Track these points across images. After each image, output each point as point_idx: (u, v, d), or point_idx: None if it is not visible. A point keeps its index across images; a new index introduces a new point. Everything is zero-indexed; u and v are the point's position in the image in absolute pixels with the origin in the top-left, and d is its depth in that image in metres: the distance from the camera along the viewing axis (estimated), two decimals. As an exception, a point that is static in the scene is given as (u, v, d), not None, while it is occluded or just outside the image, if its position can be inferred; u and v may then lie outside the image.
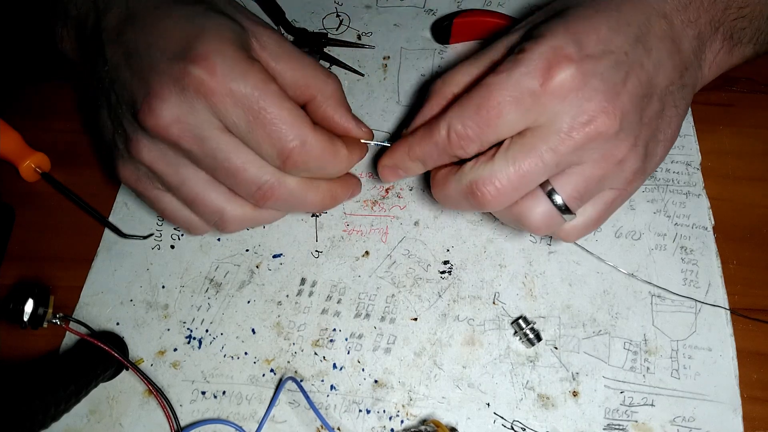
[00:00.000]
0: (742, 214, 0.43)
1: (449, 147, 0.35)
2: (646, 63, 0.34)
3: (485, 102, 0.33)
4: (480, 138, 0.34)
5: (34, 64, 0.51)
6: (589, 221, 0.35)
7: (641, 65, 0.33)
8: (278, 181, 0.35)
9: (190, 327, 0.40)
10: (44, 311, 0.38)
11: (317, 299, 0.40)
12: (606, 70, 0.32)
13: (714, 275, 0.41)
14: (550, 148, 0.32)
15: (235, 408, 0.37)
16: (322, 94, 0.37)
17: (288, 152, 0.33)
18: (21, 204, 0.45)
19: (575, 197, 0.34)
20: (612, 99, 0.32)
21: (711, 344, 0.39)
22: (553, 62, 0.32)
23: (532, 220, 0.34)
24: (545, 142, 0.32)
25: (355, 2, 0.53)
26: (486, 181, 0.33)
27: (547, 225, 0.34)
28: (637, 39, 0.34)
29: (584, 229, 0.36)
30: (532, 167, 0.33)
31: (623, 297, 0.40)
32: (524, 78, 0.32)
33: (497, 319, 0.40)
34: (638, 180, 0.35)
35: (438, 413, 0.37)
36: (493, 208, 0.34)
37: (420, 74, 0.49)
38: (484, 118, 0.33)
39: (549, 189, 0.34)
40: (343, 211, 0.44)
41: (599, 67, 0.32)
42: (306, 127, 0.34)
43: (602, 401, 0.37)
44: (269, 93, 0.33)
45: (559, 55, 0.32)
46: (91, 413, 0.37)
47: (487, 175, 0.33)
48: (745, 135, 0.46)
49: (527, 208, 0.34)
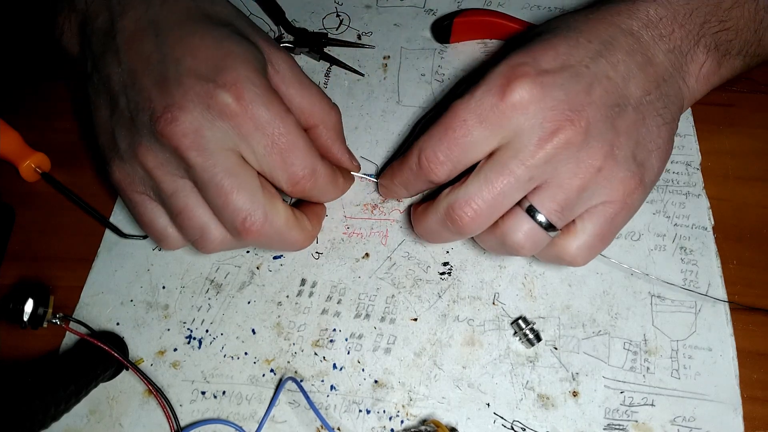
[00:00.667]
0: (742, 214, 0.43)
1: (421, 172, 0.36)
2: (612, 74, 0.34)
3: (451, 123, 0.34)
4: (450, 159, 0.34)
5: (34, 64, 0.51)
6: (592, 240, 0.35)
7: (607, 76, 0.34)
8: (265, 218, 0.34)
9: (191, 327, 0.40)
10: (44, 311, 0.38)
11: (317, 300, 0.40)
12: (566, 81, 0.33)
13: (714, 275, 0.41)
14: (520, 163, 0.33)
15: (235, 408, 0.37)
16: (324, 124, 0.40)
17: (298, 179, 0.35)
18: (21, 204, 0.45)
19: (556, 210, 0.33)
20: (575, 107, 0.33)
21: (711, 344, 0.39)
22: (511, 77, 0.33)
23: (516, 240, 0.34)
24: (515, 157, 0.33)
25: (355, 2, 0.53)
26: (462, 203, 0.34)
27: (533, 243, 0.34)
28: (599, 53, 0.35)
29: (590, 249, 0.35)
30: (506, 185, 0.33)
31: (623, 297, 0.40)
32: (485, 96, 0.33)
33: (497, 319, 0.40)
34: (636, 192, 0.34)
35: (438, 413, 0.37)
36: (473, 232, 0.35)
37: (420, 74, 0.49)
38: (451, 139, 0.34)
39: (527, 206, 0.34)
40: (344, 215, 0.44)
41: (558, 79, 0.33)
42: (316, 157, 0.36)
43: (602, 401, 0.37)
44: (288, 122, 0.34)
45: (516, 71, 0.33)
46: (91, 413, 0.37)
47: (461, 198, 0.34)
48: (745, 135, 0.46)
49: (509, 229, 0.34)
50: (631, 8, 0.37)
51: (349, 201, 0.44)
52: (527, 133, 0.33)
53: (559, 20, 0.39)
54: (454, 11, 0.50)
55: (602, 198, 0.34)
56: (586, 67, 0.34)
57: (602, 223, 0.34)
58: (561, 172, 0.33)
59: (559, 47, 0.35)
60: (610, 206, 0.34)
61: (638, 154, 0.34)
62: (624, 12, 0.37)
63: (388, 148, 0.46)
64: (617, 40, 0.36)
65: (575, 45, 0.35)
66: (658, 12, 0.37)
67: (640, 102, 0.35)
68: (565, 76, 0.33)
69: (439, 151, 0.34)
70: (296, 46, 0.50)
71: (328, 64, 0.50)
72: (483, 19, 0.49)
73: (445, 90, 0.48)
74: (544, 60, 0.34)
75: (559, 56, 0.34)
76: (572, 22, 0.37)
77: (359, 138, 0.47)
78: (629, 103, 0.34)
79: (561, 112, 0.32)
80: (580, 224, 0.34)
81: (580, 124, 0.32)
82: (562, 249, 0.35)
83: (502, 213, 0.34)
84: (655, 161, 0.35)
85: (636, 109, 0.35)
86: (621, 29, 0.36)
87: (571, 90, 0.33)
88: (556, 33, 0.36)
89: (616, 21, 0.36)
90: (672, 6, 0.37)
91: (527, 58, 0.34)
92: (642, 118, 0.35)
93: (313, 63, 0.50)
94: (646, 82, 0.35)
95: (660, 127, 0.35)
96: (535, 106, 0.32)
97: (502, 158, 0.33)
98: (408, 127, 0.47)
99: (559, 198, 0.33)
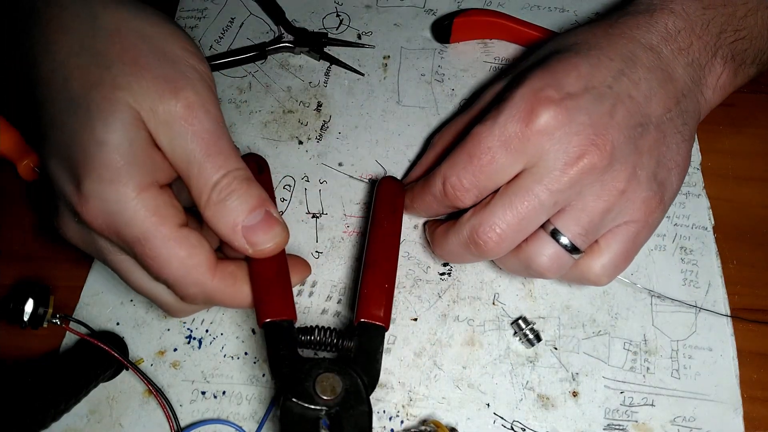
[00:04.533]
0: (742, 214, 0.43)
1: (446, 199, 0.35)
2: (635, 94, 0.34)
3: (475, 150, 0.34)
4: (476, 186, 0.34)
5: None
6: (617, 259, 0.35)
7: (629, 96, 0.34)
8: None
9: (190, 327, 0.40)
10: (44, 311, 0.38)
11: (317, 299, 0.40)
12: (589, 104, 0.33)
13: (714, 275, 0.41)
14: (545, 188, 0.33)
15: (235, 408, 0.37)
16: None
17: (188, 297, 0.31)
18: (20, 203, 0.45)
19: (581, 234, 0.33)
20: (600, 131, 0.33)
21: (711, 344, 0.39)
22: (535, 104, 0.33)
23: (540, 263, 0.34)
24: (539, 181, 0.33)
25: (355, 2, 0.53)
26: (486, 228, 0.33)
27: (557, 266, 0.34)
28: (621, 72, 0.35)
29: (614, 269, 0.35)
30: (531, 209, 0.33)
31: (623, 297, 0.40)
32: (509, 121, 0.33)
33: (497, 319, 0.40)
34: (657, 211, 0.35)
35: (438, 413, 0.37)
36: (497, 255, 0.34)
37: (420, 74, 0.49)
38: (477, 166, 0.34)
39: (552, 229, 0.33)
40: (344, 213, 0.44)
41: (582, 102, 0.33)
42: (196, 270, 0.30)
43: (602, 401, 0.37)
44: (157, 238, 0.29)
45: (539, 96, 0.33)
46: (91, 413, 0.37)
47: (486, 221, 0.33)
48: (745, 135, 0.46)
49: (534, 251, 0.34)
50: (649, 21, 0.37)
51: (349, 199, 0.44)
52: (552, 157, 0.32)
53: (578, 35, 0.38)
54: (454, 11, 0.50)
55: (625, 218, 0.34)
56: (608, 87, 0.34)
57: (625, 243, 0.34)
58: (585, 195, 0.33)
59: (581, 67, 0.34)
60: (633, 226, 0.34)
61: (659, 173, 0.35)
62: (643, 25, 0.37)
63: (388, 148, 0.46)
64: (638, 56, 0.35)
65: (597, 64, 0.34)
66: (676, 24, 0.37)
67: (661, 120, 0.35)
68: (588, 99, 0.33)
69: (464, 178, 0.34)
70: (296, 46, 0.50)
71: (328, 64, 0.50)
72: (483, 19, 0.49)
73: (446, 90, 0.48)
74: (566, 82, 0.33)
75: (581, 77, 0.34)
76: (592, 38, 0.37)
77: (359, 137, 0.46)
78: (651, 122, 0.34)
79: (586, 136, 0.32)
80: (604, 244, 0.34)
81: (605, 148, 0.32)
82: (586, 269, 0.35)
83: (526, 236, 0.34)
84: (674, 179, 0.36)
85: (657, 127, 0.35)
86: (641, 44, 0.36)
87: (595, 113, 0.33)
88: (576, 51, 0.36)
89: (636, 35, 0.36)
90: (690, 17, 0.37)
91: (550, 80, 0.34)
92: (663, 136, 0.35)
93: (313, 63, 0.50)
94: (666, 99, 0.35)
95: (679, 144, 0.36)
96: (560, 131, 0.32)
97: (527, 182, 0.33)
98: (408, 126, 0.47)
99: (583, 221, 0.33)
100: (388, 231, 0.39)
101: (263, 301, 0.33)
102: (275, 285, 0.33)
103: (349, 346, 0.34)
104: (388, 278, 0.37)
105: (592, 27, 0.38)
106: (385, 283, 0.36)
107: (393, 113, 0.48)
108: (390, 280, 0.37)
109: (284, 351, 0.33)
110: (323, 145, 0.46)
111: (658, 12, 0.37)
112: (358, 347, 0.34)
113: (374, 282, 0.36)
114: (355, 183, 0.44)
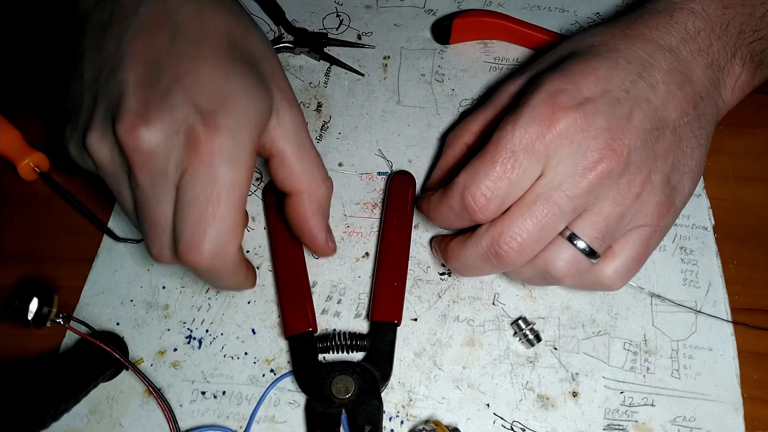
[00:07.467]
0: (742, 214, 0.43)
1: (466, 212, 0.34)
2: (652, 97, 0.34)
3: (498, 155, 0.33)
4: (498, 196, 0.33)
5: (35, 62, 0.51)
6: (629, 263, 0.35)
7: (646, 100, 0.34)
8: None
9: (190, 327, 0.40)
10: (48, 310, 0.38)
11: (317, 299, 0.40)
12: (607, 108, 0.33)
13: (714, 275, 0.41)
14: (564, 194, 0.32)
15: (235, 408, 0.37)
16: (309, 194, 0.36)
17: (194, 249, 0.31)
18: (21, 203, 0.45)
19: (597, 238, 0.33)
20: (617, 136, 0.32)
21: (711, 344, 0.39)
22: (555, 107, 0.32)
23: (557, 268, 0.34)
24: (558, 189, 0.32)
25: (355, 2, 0.53)
26: (507, 238, 0.33)
27: (575, 271, 0.34)
28: (639, 75, 0.34)
29: (627, 272, 0.35)
30: (551, 217, 0.32)
31: (623, 297, 0.40)
32: (530, 125, 0.33)
33: (497, 319, 0.40)
34: (668, 215, 0.35)
35: (438, 414, 0.37)
36: (517, 264, 0.34)
37: (420, 74, 0.49)
38: (500, 172, 0.33)
39: (569, 234, 0.33)
40: (344, 213, 0.44)
41: (600, 106, 0.33)
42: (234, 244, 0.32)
43: (602, 401, 0.37)
44: (234, 195, 0.31)
45: (559, 99, 0.33)
46: (91, 413, 0.37)
47: (506, 231, 0.33)
48: (745, 135, 0.46)
49: (551, 257, 0.34)
50: (669, 21, 0.37)
51: (349, 199, 0.44)
52: (570, 162, 0.32)
53: (596, 36, 0.38)
54: (454, 11, 0.50)
55: (638, 222, 0.34)
56: (626, 91, 0.34)
57: (639, 247, 0.34)
58: (601, 200, 0.33)
59: (599, 70, 0.34)
60: (646, 230, 0.34)
61: (672, 177, 0.35)
62: (662, 27, 0.36)
63: (388, 148, 0.46)
64: (656, 58, 0.35)
65: (614, 67, 0.34)
66: (696, 25, 0.37)
67: (677, 124, 0.35)
68: (605, 102, 0.33)
69: (486, 187, 0.33)
70: (296, 46, 0.50)
71: (328, 64, 0.50)
72: (483, 19, 0.49)
73: (446, 90, 0.48)
74: (584, 85, 0.33)
75: (599, 81, 0.34)
76: (610, 40, 0.36)
77: (359, 138, 0.46)
78: (667, 126, 0.34)
79: (603, 141, 0.32)
80: (618, 249, 0.34)
81: (622, 153, 0.32)
82: (600, 273, 0.35)
83: (546, 244, 0.34)
84: (687, 183, 0.36)
85: (674, 131, 0.35)
86: (659, 45, 0.36)
87: (612, 117, 0.33)
88: (594, 53, 0.35)
89: (655, 37, 0.36)
90: (710, 17, 0.37)
91: (568, 84, 0.33)
92: (678, 140, 0.35)
93: (313, 63, 0.50)
94: (684, 102, 0.35)
95: (694, 149, 0.36)
96: (579, 135, 0.32)
97: (545, 189, 0.33)
98: (408, 126, 0.47)
99: (600, 225, 0.33)
100: (397, 226, 0.41)
101: (287, 317, 0.39)
102: (297, 298, 0.39)
103: (363, 345, 0.38)
104: (398, 274, 0.40)
105: (611, 27, 0.38)
106: (394, 281, 0.39)
107: (393, 113, 0.48)
108: (400, 276, 0.40)
109: (305, 359, 0.37)
110: (323, 145, 0.46)
111: (678, 12, 0.37)
112: (372, 345, 0.38)
113: (384, 281, 0.40)
114: (355, 183, 0.44)
